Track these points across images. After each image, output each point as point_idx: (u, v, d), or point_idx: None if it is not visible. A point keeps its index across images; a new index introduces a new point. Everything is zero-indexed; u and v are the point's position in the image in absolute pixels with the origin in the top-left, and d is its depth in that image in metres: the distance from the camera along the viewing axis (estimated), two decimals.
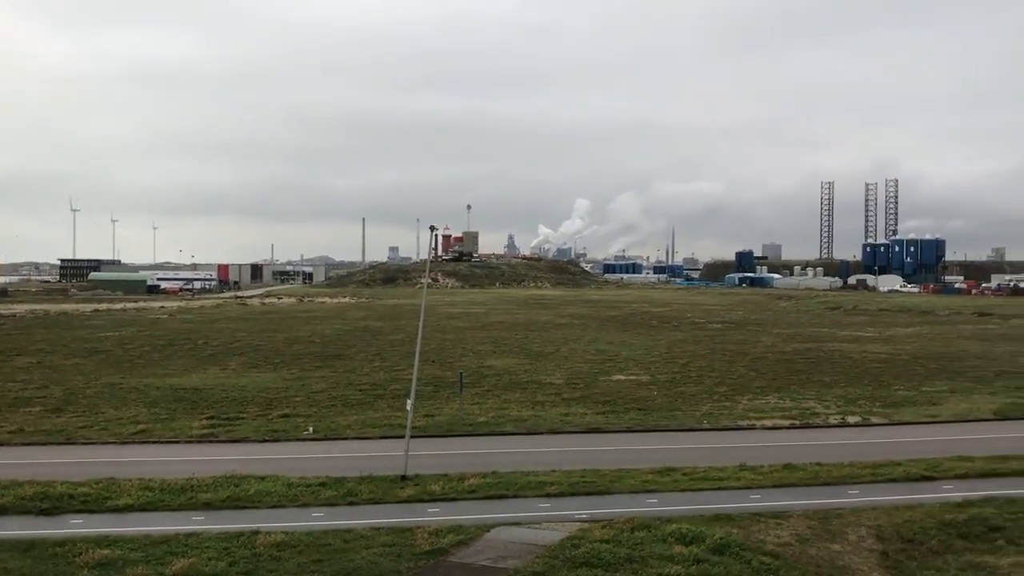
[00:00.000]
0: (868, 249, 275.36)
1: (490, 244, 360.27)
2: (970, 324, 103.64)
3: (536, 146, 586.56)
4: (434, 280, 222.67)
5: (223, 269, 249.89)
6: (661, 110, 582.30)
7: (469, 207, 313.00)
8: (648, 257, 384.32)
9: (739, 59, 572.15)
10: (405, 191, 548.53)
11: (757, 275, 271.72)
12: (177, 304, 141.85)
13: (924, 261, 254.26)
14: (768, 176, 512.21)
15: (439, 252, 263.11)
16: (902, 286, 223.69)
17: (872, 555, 23.63)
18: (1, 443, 36.30)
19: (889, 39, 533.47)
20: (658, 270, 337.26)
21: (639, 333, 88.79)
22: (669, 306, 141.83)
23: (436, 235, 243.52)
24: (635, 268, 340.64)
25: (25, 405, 44.73)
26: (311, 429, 39.12)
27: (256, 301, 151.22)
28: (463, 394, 45.34)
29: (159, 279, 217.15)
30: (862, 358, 66.28)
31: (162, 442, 37.03)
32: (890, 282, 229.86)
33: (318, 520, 25.82)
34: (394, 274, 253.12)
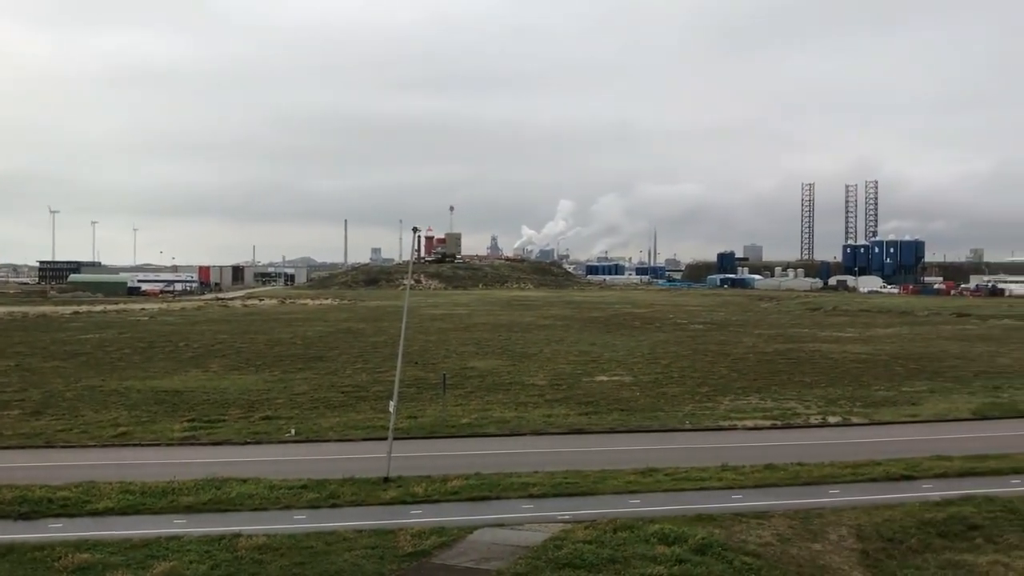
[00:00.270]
0: (848, 250, 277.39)
1: (473, 245, 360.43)
2: (949, 325, 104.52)
3: (519, 147, 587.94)
4: (417, 281, 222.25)
5: (204, 271, 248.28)
6: (644, 111, 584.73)
7: (452, 208, 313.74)
8: (630, 258, 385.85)
9: (721, 61, 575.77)
10: (388, 192, 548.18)
11: (738, 276, 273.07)
12: (158, 306, 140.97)
13: (904, 262, 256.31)
14: (749, 178, 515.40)
15: (422, 253, 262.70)
16: (882, 287, 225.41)
17: (853, 554, 23.79)
18: None
19: (870, 42, 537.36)
20: (640, 271, 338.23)
21: (622, 334, 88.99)
22: (651, 307, 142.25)
23: (419, 236, 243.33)
24: (617, 269, 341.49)
25: (3, 408, 44.30)
26: (293, 431, 38.99)
27: (237, 303, 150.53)
28: (446, 395, 45.32)
29: (140, 281, 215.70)
30: (842, 358, 66.71)
31: (143, 445, 36.77)
32: (870, 283, 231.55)
33: (300, 522, 25.73)
34: (376, 275, 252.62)
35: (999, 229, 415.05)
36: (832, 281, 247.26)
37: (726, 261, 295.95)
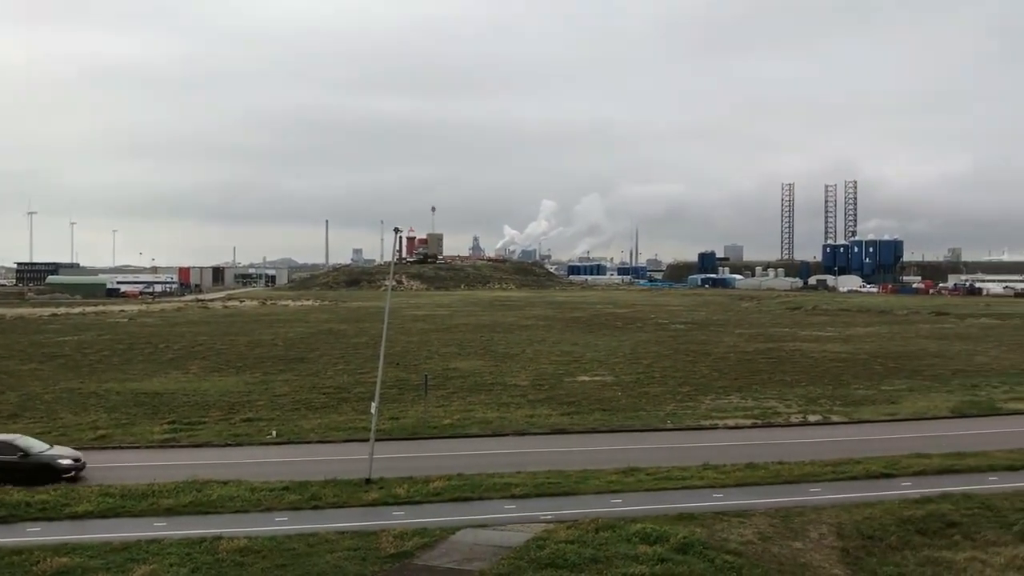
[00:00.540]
0: (828, 250, 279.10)
1: (455, 246, 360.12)
2: (927, 323, 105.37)
3: (501, 148, 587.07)
4: (398, 282, 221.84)
5: (184, 272, 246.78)
6: (625, 112, 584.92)
7: (433, 209, 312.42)
8: (612, 258, 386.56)
9: (702, 61, 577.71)
10: (369, 193, 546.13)
11: (719, 276, 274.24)
12: (137, 307, 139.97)
13: (883, 261, 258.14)
14: (730, 178, 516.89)
15: (403, 254, 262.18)
16: (861, 286, 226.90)
17: (833, 552, 23.96)
18: None
19: (850, 43, 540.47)
20: (622, 271, 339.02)
21: (604, 334, 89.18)
22: (633, 307, 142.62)
23: (400, 237, 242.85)
24: (599, 269, 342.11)
25: None
26: (274, 433, 38.83)
27: (218, 304, 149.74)
28: (428, 396, 45.28)
29: (119, 282, 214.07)
30: (822, 358, 67.15)
31: (122, 447, 36.56)
32: (849, 282, 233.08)
33: (282, 525, 25.62)
34: (358, 276, 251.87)
35: (977, 229, 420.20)
36: (812, 281, 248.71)
37: (707, 261, 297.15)
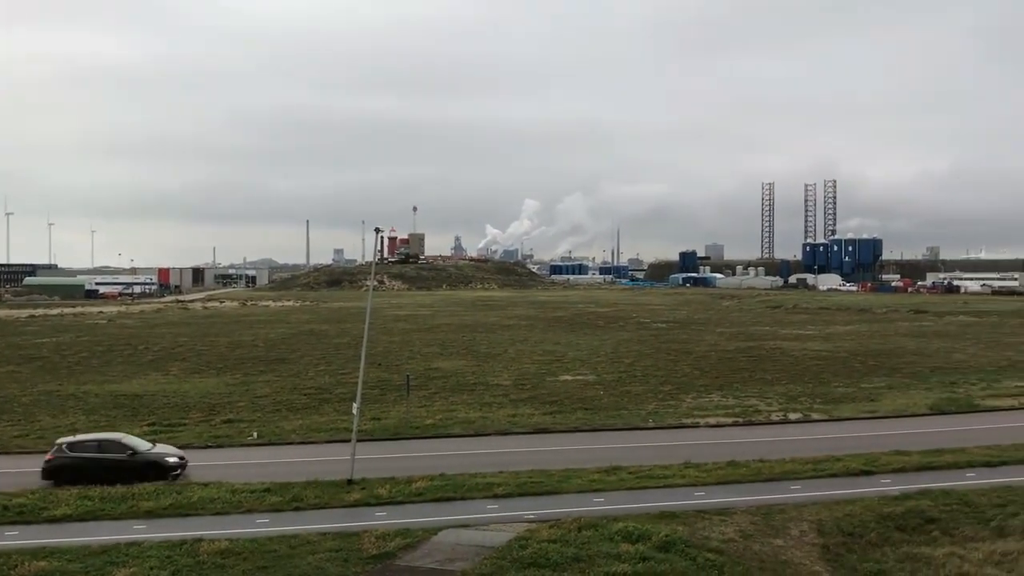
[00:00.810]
0: (808, 249, 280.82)
1: (437, 246, 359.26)
2: (906, 321, 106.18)
3: (483, 148, 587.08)
4: (380, 282, 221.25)
5: (164, 273, 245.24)
6: (611, 112, 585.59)
7: (415, 209, 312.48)
8: (594, 258, 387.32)
9: (688, 62, 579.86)
10: (350, 193, 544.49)
11: (700, 275, 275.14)
12: (116, 309, 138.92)
13: (862, 260, 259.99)
14: (711, 178, 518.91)
15: (385, 254, 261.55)
16: (841, 285, 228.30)
17: (814, 549, 24.09)
18: None
19: (831, 45, 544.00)
20: (604, 271, 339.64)
21: (585, 333, 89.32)
22: (615, 306, 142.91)
23: (382, 237, 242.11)
24: (581, 269, 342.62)
25: None
26: (255, 434, 38.65)
27: (198, 305, 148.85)
28: (410, 397, 45.18)
29: (98, 283, 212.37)
30: (803, 356, 67.53)
31: None
32: (829, 281, 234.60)
33: (263, 526, 25.51)
34: (339, 277, 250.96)
35: (955, 228, 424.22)
36: (792, 279, 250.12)
37: (688, 260, 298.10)
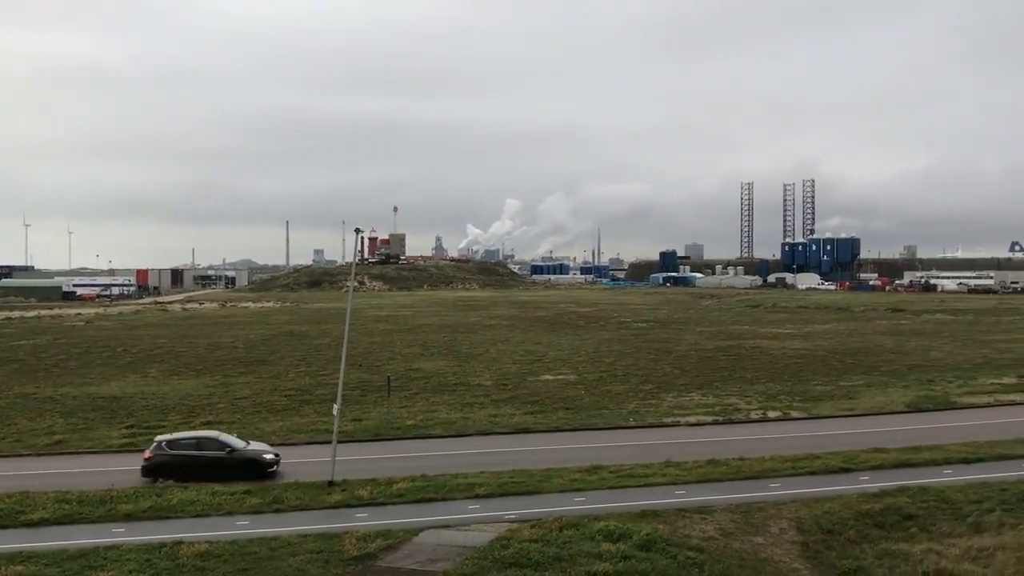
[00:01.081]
0: (786, 248, 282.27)
1: (418, 246, 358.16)
2: (884, 320, 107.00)
3: (465, 148, 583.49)
4: (360, 283, 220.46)
5: (142, 274, 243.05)
6: (590, 112, 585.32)
7: (396, 209, 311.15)
8: (575, 258, 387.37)
9: (664, 62, 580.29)
10: (330, 193, 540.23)
11: (680, 274, 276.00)
12: (94, 311, 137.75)
13: (840, 259, 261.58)
14: (692, 177, 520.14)
15: (365, 255, 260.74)
16: (819, 284, 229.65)
17: (793, 547, 24.25)
18: None
19: (809, 45, 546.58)
20: (585, 271, 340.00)
21: (567, 333, 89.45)
22: (595, 306, 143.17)
23: (362, 237, 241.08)
24: (562, 269, 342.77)
25: None
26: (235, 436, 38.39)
27: (177, 306, 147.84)
28: (391, 397, 45.13)
29: (75, 285, 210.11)
30: (782, 354, 67.94)
31: (79, 453, 36.04)
32: (808, 280, 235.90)
33: (243, 528, 25.41)
34: (319, 277, 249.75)
35: (932, 227, 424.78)
36: (771, 278, 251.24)
37: (668, 260, 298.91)
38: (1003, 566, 22.41)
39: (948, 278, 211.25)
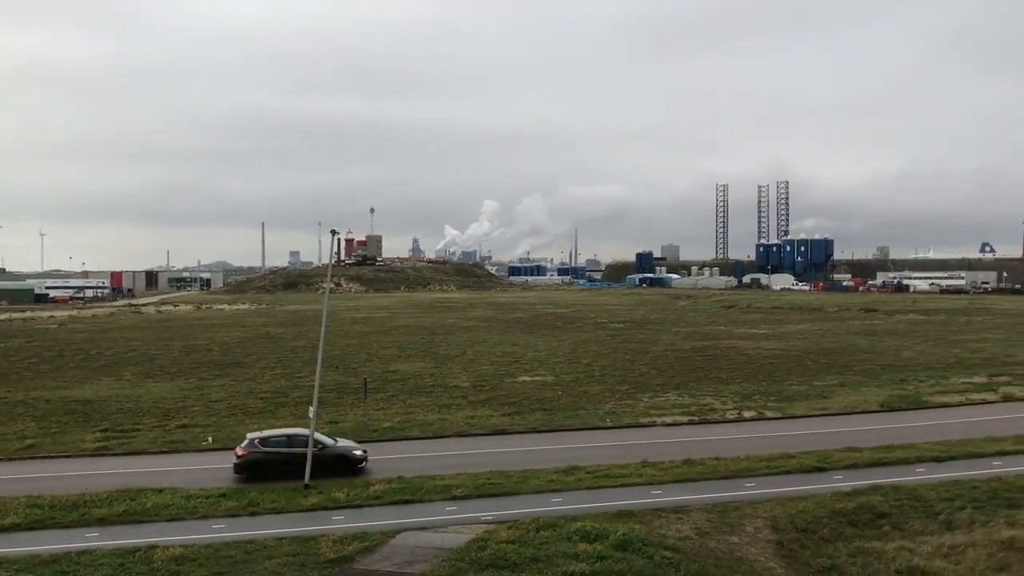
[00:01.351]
0: (761, 249, 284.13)
1: (395, 248, 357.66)
2: (857, 320, 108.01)
3: (443, 149, 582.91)
4: (337, 285, 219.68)
5: (116, 276, 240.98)
6: (568, 113, 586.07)
7: (372, 210, 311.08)
8: (552, 259, 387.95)
9: (642, 65, 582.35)
10: (307, 195, 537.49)
11: (656, 275, 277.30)
12: (67, 313, 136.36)
13: (814, 260, 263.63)
14: (668, 179, 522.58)
15: (342, 256, 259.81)
16: (793, 284, 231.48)
17: (768, 545, 24.43)
18: None
19: (785, 48, 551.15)
20: (562, 272, 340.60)
21: (544, 334, 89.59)
22: (572, 307, 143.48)
23: (338, 239, 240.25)
24: (539, 270, 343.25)
25: None
26: (211, 439, 38.19)
27: (151, 309, 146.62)
28: (368, 400, 45.01)
29: (48, 287, 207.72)
30: (757, 354, 68.40)
31: (52, 457, 35.64)
32: (782, 281, 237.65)
33: (219, 532, 25.26)
34: (295, 279, 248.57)
35: (904, 228, 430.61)
36: (746, 279, 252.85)
37: (644, 261, 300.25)
38: (974, 563, 22.70)
39: (920, 278, 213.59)
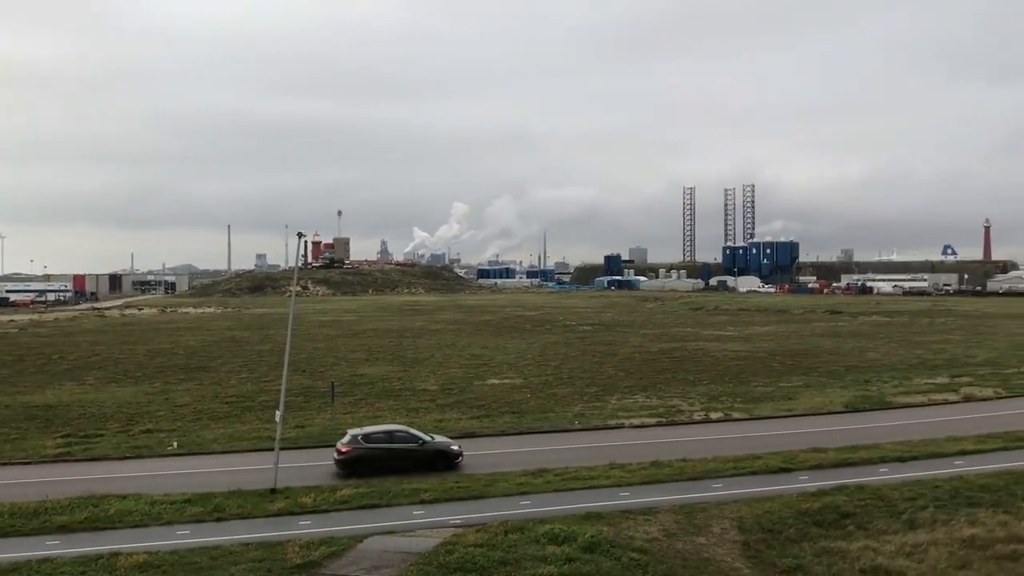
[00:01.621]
0: (728, 252, 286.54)
1: (363, 250, 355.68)
2: (822, 322, 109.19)
3: (412, 152, 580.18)
4: (303, 288, 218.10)
5: (79, 280, 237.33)
6: (537, 116, 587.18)
7: (340, 213, 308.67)
8: (521, 262, 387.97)
9: (612, 68, 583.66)
10: (274, 197, 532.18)
11: (625, 278, 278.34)
12: (29, 317, 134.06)
13: (780, 262, 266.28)
14: (637, 182, 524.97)
15: (309, 259, 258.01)
16: (760, 287, 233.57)
17: (735, 546, 24.60)
18: None
19: (753, 53, 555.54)
20: (531, 274, 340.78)
21: (513, 337, 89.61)
22: (541, 309, 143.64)
23: (305, 242, 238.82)
24: (508, 273, 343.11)
25: None
26: (175, 444, 37.79)
27: (115, 312, 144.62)
28: (335, 403, 44.76)
29: (8, 291, 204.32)
30: (723, 356, 68.91)
31: (12, 463, 35.04)
32: (748, 283, 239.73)
33: (183, 538, 24.95)
34: (262, 282, 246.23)
35: (869, 231, 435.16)
36: (713, 281, 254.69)
37: (613, 263, 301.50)
38: (936, 561, 23.03)
39: (884, 281, 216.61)
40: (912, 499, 27.95)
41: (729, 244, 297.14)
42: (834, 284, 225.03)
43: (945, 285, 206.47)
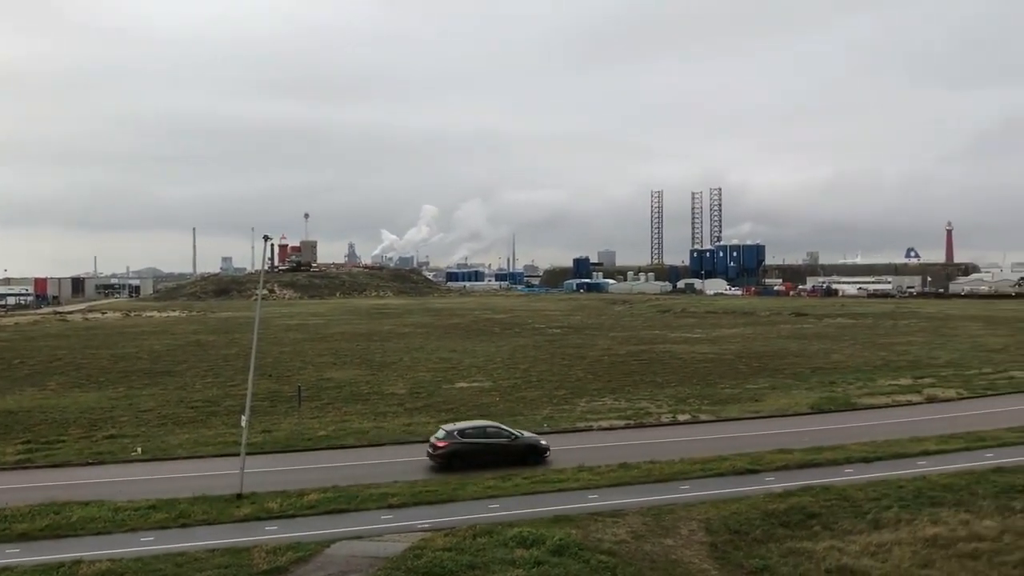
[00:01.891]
0: (695, 255, 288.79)
1: (331, 253, 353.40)
2: (788, 324, 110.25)
3: (381, 155, 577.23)
4: (270, 291, 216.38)
5: (40, 283, 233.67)
6: (507, 119, 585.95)
7: (307, 216, 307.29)
8: (490, 265, 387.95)
9: (580, 72, 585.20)
10: (240, 200, 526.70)
11: (594, 281, 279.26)
12: None
13: (746, 265, 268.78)
14: (606, 185, 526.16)
15: (275, 262, 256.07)
16: (726, 289, 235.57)
17: (703, 548, 24.71)
18: None
19: (722, 58, 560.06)
20: (500, 277, 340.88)
21: (481, 340, 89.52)
22: (511, 312, 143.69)
23: (272, 245, 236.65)
24: (477, 276, 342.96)
25: None
26: (139, 450, 37.29)
27: (78, 316, 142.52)
28: (302, 408, 44.46)
29: None
30: (691, 358, 69.33)
31: None
32: (715, 285, 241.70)
33: (148, 544, 24.61)
34: (227, 286, 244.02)
35: (833, 234, 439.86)
36: (681, 284, 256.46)
37: (582, 266, 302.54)
38: (900, 560, 23.28)
39: (849, 283, 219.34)
40: (876, 499, 28.25)
41: (696, 247, 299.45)
42: (800, 286, 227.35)
43: (908, 287, 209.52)
